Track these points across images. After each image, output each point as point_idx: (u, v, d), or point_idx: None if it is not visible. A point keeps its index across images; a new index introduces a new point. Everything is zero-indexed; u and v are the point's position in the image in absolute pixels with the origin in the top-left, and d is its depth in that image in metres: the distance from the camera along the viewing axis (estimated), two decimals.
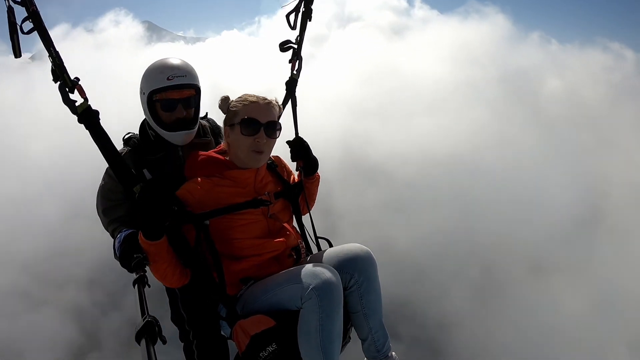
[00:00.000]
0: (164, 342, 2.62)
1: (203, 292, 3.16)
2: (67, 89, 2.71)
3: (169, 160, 3.77)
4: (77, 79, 2.74)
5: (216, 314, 3.17)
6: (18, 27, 2.52)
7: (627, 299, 50.68)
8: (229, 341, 3.48)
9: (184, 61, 3.80)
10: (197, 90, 3.78)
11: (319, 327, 2.77)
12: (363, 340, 3.32)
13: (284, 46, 3.87)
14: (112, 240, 3.63)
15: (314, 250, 3.75)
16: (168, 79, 3.60)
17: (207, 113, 4.36)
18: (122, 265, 3.31)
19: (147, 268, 3.28)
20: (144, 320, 2.65)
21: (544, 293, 50.24)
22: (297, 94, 3.96)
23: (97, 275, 49.56)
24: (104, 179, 3.85)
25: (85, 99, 2.79)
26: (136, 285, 3.22)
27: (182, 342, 3.90)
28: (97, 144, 2.91)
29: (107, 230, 3.78)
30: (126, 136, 3.97)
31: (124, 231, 3.45)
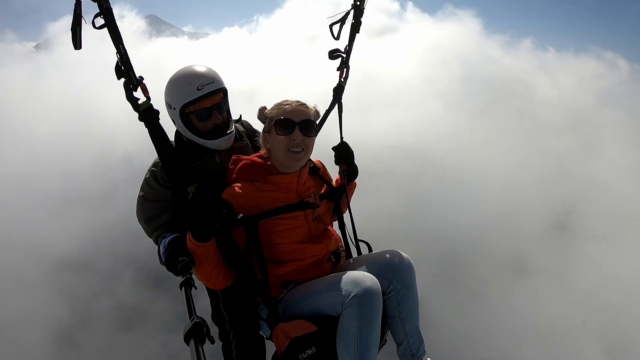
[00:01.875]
0: (212, 342, 2.63)
1: (247, 293, 3.17)
2: (131, 87, 2.70)
3: (208, 167, 3.71)
4: (142, 77, 2.74)
5: (257, 315, 3.18)
6: (83, 20, 2.51)
7: (605, 301, 51.19)
8: (267, 341, 3.53)
9: (207, 67, 3.74)
10: (224, 92, 3.72)
11: (357, 334, 2.73)
12: (399, 344, 3.28)
13: (333, 54, 3.83)
14: (157, 246, 3.55)
15: (354, 252, 3.72)
16: (198, 89, 3.53)
17: (240, 116, 4.27)
18: (168, 269, 3.25)
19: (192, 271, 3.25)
20: (192, 321, 2.65)
21: (523, 294, 50.49)
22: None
23: (91, 260, 49.69)
24: (143, 188, 3.75)
25: (148, 98, 2.78)
26: (183, 288, 3.25)
27: (221, 340, 3.79)
28: (154, 142, 2.92)
29: (151, 238, 3.72)
30: None
31: (169, 236, 3.38)
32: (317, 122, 3.40)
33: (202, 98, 3.55)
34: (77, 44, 2.57)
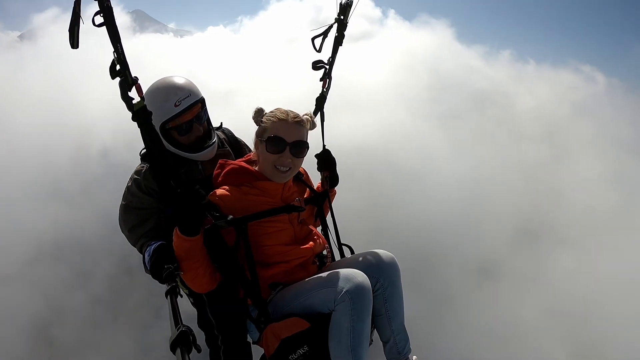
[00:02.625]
0: (199, 350, 2.67)
1: (235, 294, 3.17)
2: (126, 86, 2.67)
3: (191, 175, 3.72)
4: (137, 78, 2.71)
5: (247, 316, 3.18)
6: (81, 19, 2.49)
7: (571, 307, 52.16)
8: (253, 347, 3.56)
9: (183, 78, 3.76)
10: (202, 102, 3.76)
11: (350, 329, 2.80)
12: (385, 343, 3.35)
13: (316, 65, 3.89)
14: (142, 255, 3.55)
15: (337, 256, 3.78)
16: (175, 105, 3.55)
17: (221, 123, 4.29)
18: (154, 276, 3.24)
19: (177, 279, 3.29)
20: (178, 330, 2.67)
21: (489, 298, 51.15)
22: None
23: (66, 254, 49.05)
24: (125, 197, 3.75)
25: (142, 98, 2.76)
26: (169, 296, 3.26)
27: (208, 347, 3.81)
28: (145, 142, 2.90)
29: (135, 247, 3.70)
30: (143, 151, 3.85)
31: (153, 243, 3.37)
32: (310, 130, 3.46)
33: (181, 113, 3.58)
34: (74, 42, 2.57)
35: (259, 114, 3.37)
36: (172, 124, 3.61)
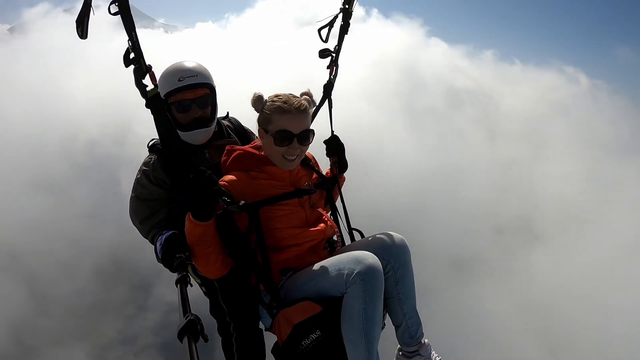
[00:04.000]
0: (206, 340, 2.60)
1: (247, 281, 3.11)
2: (141, 74, 2.63)
3: (198, 164, 3.34)
4: (150, 66, 2.68)
5: (259, 301, 3.11)
6: (92, 10, 2.45)
7: (547, 302, 52.73)
8: (266, 335, 3.52)
9: (197, 63, 3.76)
10: (211, 89, 3.72)
11: (362, 311, 2.73)
12: (397, 327, 3.26)
13: (323, 53, 3.86)
14: (153, 245, 3.50)
15: (347, 241, 3.68)
16: (179, 80, 3.55)
17: (227, 113, 4.28)
18: (165, 265, 3.21)
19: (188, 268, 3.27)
20: (186, 318, 2.60)
21: (469, 296, 51.47)
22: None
23: (51, 245, 48.78)
24: (135, 189, 3.71)
25: (156, 86, 2.71)
26: (179, 285, 3.20)
27: (220, 335, 3.76)
28: (159, 130, 2.85)
29: (147, 238, 3.66)
30: (150, 143, 3.86)
31: (165, 233, 3.33)
32: (313, 110, 3.40)
33: (182, 89, 3.55)
34: (83, 33, 2.52)
35: (259, 101, 3.29)
36: (173, 98, 3.59)
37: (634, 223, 69.50)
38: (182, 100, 3.60)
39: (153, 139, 3.83)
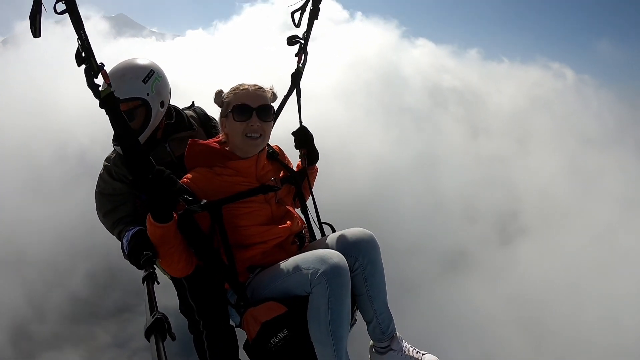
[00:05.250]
0: (173, 338, 2.48)
1: (214, 279, 3.13)
2: (92, 73, 2.53)
3: (160, 157, 3.54)
4: (102, 64, 2.58)
5: (226, 301, 3.07)
6: (43, 7, 2.36)
7: (536, 295, 52.92)
8: (237, 330, 3.48)
9: (120, 70, 3.53)
10: (135, 100, 3.50)
11: (328, 311, 2.67)
12: (368, 323, 3.21)
13: (291, 40, 3.78)
14: (120, 241, 3.41)
15: (317, 235, 3.61)
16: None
17: (193, 102, 4.19)
18: (132, 262, 3.15)
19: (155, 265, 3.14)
20: (153, 317, 2.48)
21: (456, 291, 51.43)
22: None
23: (46, 252, 48.64)
24: (98, 185, 3.66)
25: (109, 85, 2.62)
26: (145, 282, 3.03)
27: (191, 333, 3.76)
28: (115, 129, 2.82)
29: (113, 233, 3.57)
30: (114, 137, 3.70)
31: (131, 229, 3.26)
32: (275, 104, 3.34)
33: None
34: (36, 31, 2.44)
35: (219, 95, 3.26)
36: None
37: (615, 213, 70.46)
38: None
39: None
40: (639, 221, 67.30)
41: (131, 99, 3.46)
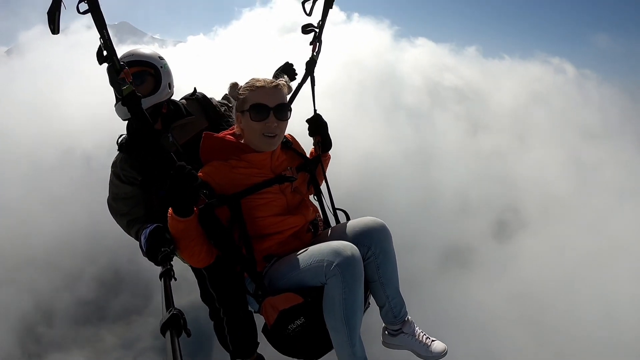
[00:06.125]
0: (189, 334, 2.51)
1: (233, 269, 3.18)
2: (114, 71, 2.62)
3: (164, 148, 3.32)
4: (124, 64, 2.66)
5: (245, 289, 3.13)
6: (63, 5, 2.41)
7: (538, 290, 52.68)
8: (256, 315, 3.55)
9: (144, 48, 3.73)
10: (148, 66, 3.63)
11: (342, 301, 2.77)
12: (381, 307, 3.30)
13: (306, 29, 3.77)
14: (137, 240, 3.46)
15: (331, 221, 3.64)
16: (121, 59, 3.23)
17: (195, 89, 4.17)
18: (150, 259, 3.17)
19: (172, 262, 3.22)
20: (169, 312, 2.52)
21: (458, 286, 51.44)
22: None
23: (53, 257, 48.69)
24: (109, 190, 3.71)
25: (130, 83, 2.69)
26: (162, 279, 3.11)
27: (212, 320, 3.85)
28: (136, 125, 2.88)
29: (130, 233, 3.63)
30: (119, 140, 3.75)
31: (149, 227, 3.27)
32: (289, 96, 3.38)
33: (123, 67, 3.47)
34: (55, 28, 2.47)
35: (234, 88, 3.26)
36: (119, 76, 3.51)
37: (616, 205, 70.28)
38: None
39: (122, 135, 3.77)
40: (639, 212, 67.57)
41: (146, 62, 3.60)
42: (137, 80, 3.46)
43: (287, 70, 4.08)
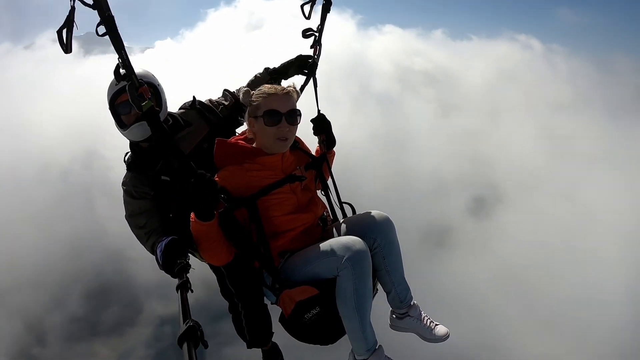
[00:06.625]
0: (206, 346, 2.56)
1: (249, 265, 3.39)
2: (134, 89, 2.73)
3: (171, 162, 3.62)
4: (143, 81, 2.77)
5: (263, 282, 3.36)
6: (75, 26, 2.49)
7: (522, 263, 53.77)
8: (271, 307, 3.76)
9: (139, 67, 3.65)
10: (151, 87, 3.66)
11: (353, 292, 3.04)
12: (388, 293, 3.56)
13: (306, 33, 4.03)
14: (154, 254, 3.54)
15: (338, 214, 3.92)
16: (116, 84, 3.55)
17: (194, 97, 4.24)
18: (166, 271, 3.29)
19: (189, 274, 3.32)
20: (186, 324, 2.56)
21: (444, 266, 52.07)
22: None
23: (41, 277, 48.13)
24: (125, 209, 3.81)
25: (149, 99, 2.80)
26: (179, 291, 3.16)
27: (230, 313, 4.01)
28: (156, 138, 2.94)
29: (146, 247, 3.72)
30: (125, 158, 3.91)
31: (164, 240, 3.37)
32: (297, 98, 3.51)
33: (120, 91, 3.57)
34: (67, 47, 2.55)
35: (247, 95, 3.42)
36: (116, 102, 3.63)
37: (589, 172, 71.66)
38: (122, 102, 3.61)
39: (127, 153, 3.90)
40: (611, 178, 69.19)
41: (147, 82, 3.48)
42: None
43: (300, 64, 4.21)
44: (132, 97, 2.73)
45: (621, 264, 50.76)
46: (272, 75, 4.28)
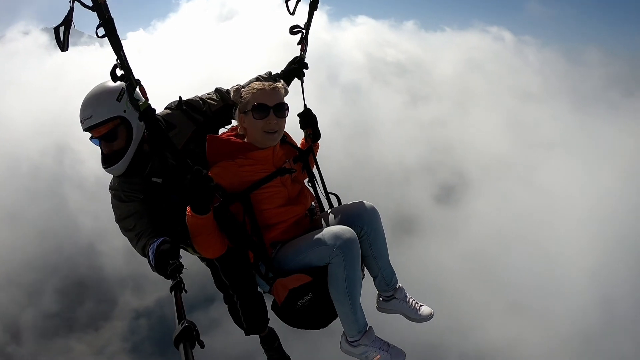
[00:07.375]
0: (202, 346, 2.54)
1: (242, 257, 3.52)
2: (132, 89, 2.75)
3: (181, 156, 3.34)
4: (139, 80, 2.81)
5: (257, 271, 3.48)
6: (72, 25, 2.54)
7: (489, 248, 55.12)
8: (265, 296, 3.91)
9: (92, 96, 3.56)
10: (116, 120, 3.55)
11: (344, 277, 3.23)
12: (374, 278, 3.76)
13: (293, 30, 4.11)
14: (145, 257, 3.49)
15: (325, 204, 4.07)
16: (82, 123, 3.48)
17: (180, 97, 4.15)
18: (160, 272, 3.22)
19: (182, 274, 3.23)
20: (181, 325, 2.53)
21: (413, 253, 52.16)
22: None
23: (13, 274, 47.50)
24: (114, 213, 3.76)
25: (146, 99, 2.88)
26: (173, 291, 3.09)
27: (226, 304, 4.10)
28: (154, 137, 3.05)
29: (136, 249, 3.63)
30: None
31: (155, 241, 3.32)
32: (285, 95, 3.62)
33: (87, 131, 3.54)
34: (64, 46, 2.57)
35: (237, 92, 3.54)
36: (90, 135, 3.59)
37: (555, 159, 73.08)
38: (91, 139, 3.59)
39: None
40: (572, 165, 71.49)
41: (110, 119, 3.53)
42: (108, 139, 3.57)
43: (295, 69, 4.37)
44: (130, 97, 2.77)
45: (585, 249, 52.39)
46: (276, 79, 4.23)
